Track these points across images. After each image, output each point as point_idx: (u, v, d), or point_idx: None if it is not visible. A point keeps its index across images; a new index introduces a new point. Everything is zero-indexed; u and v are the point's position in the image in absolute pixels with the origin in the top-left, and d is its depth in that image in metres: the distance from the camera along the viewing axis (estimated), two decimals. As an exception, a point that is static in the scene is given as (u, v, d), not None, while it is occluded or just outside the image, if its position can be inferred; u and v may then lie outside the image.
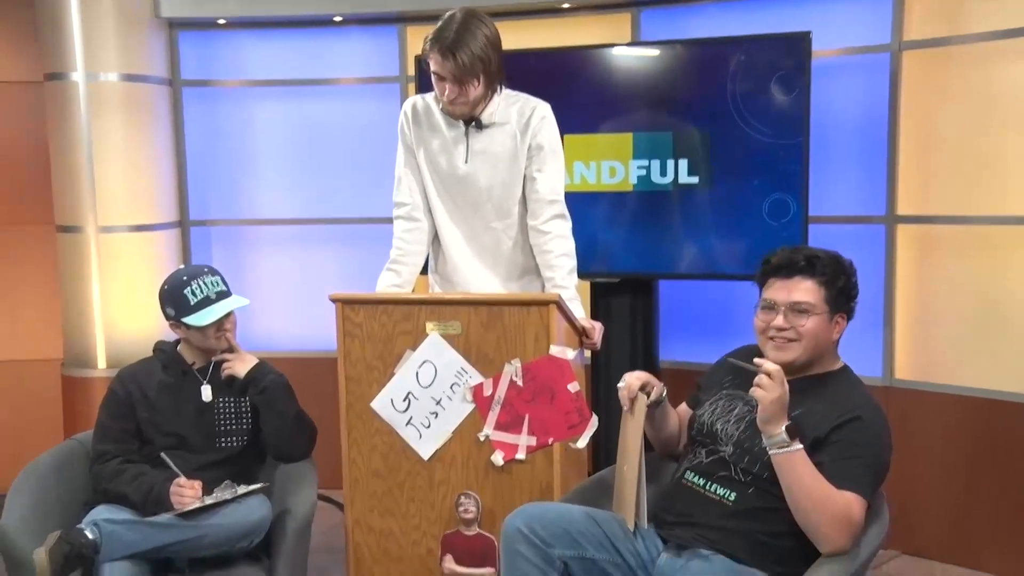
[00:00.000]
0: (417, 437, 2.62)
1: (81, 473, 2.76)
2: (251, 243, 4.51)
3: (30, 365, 4.45)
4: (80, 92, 4.03)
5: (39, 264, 4.38)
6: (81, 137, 4.03)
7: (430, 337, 2.60)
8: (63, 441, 2.92)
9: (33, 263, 4.41)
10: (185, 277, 2.74)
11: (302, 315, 4.43)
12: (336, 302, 2.68)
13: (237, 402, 2.78)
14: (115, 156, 4.08)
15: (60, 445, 2.86)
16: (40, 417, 4.36)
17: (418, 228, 2.85)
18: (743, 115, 3.38)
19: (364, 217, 4.37)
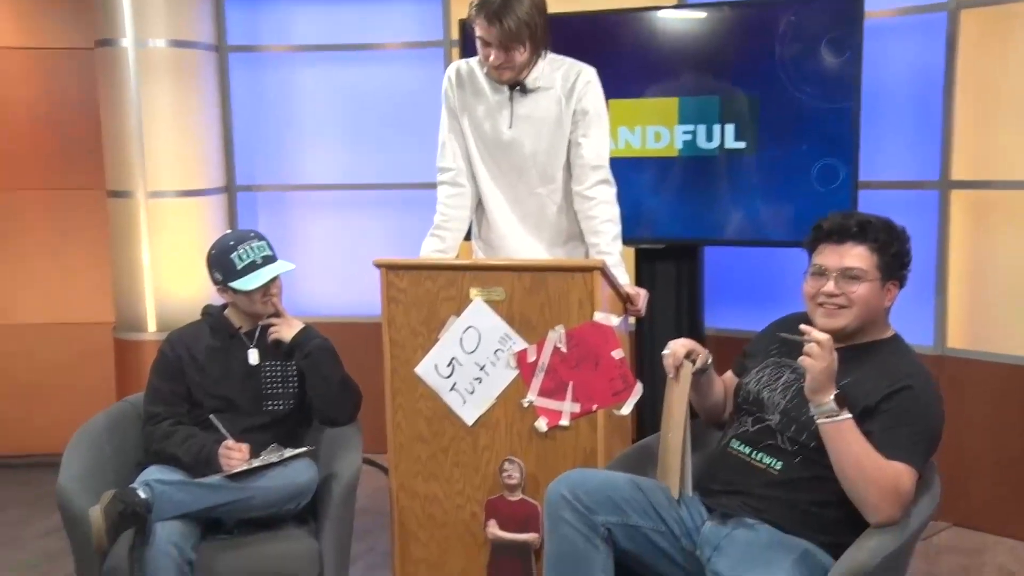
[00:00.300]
0: (461, 403, 2.63)
1: (133, 434, 2.80)
2: (296, 208, 4.53)
3: (83, 328, 4.51)
4: (129, 58, 4.05)
5: (91, 228, 4.43)
6: (131, 103, 4.06)
7: (474, 303, 2.59)
8: (116, 403, 2.96)
9: (85, 227, 4.46)
10: (232, 242, 2.75)
11: (347, 280, 4.45)
12: (380, 267, 2.67)
13: (283, 366, 2.80)
14: (163, 122, 4.11)
15: (113, 407, 2.90)
16: (94, 379, 4.43)
17: (462, 193, 2.83)
18: (792, 78, 3.31)
19: (408, 182, 4.36)
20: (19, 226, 4.49)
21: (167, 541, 2.41)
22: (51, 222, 4.49)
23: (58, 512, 2.53)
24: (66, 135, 4.43)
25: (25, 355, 4.53)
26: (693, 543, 2.19)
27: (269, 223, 4.46)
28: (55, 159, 4.46)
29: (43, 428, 4.46)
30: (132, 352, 4.17)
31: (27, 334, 4.52)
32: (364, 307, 4.23)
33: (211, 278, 2.79)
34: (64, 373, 4.53)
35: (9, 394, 4.54)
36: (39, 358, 4.53)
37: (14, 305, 4.52)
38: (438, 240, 2.83)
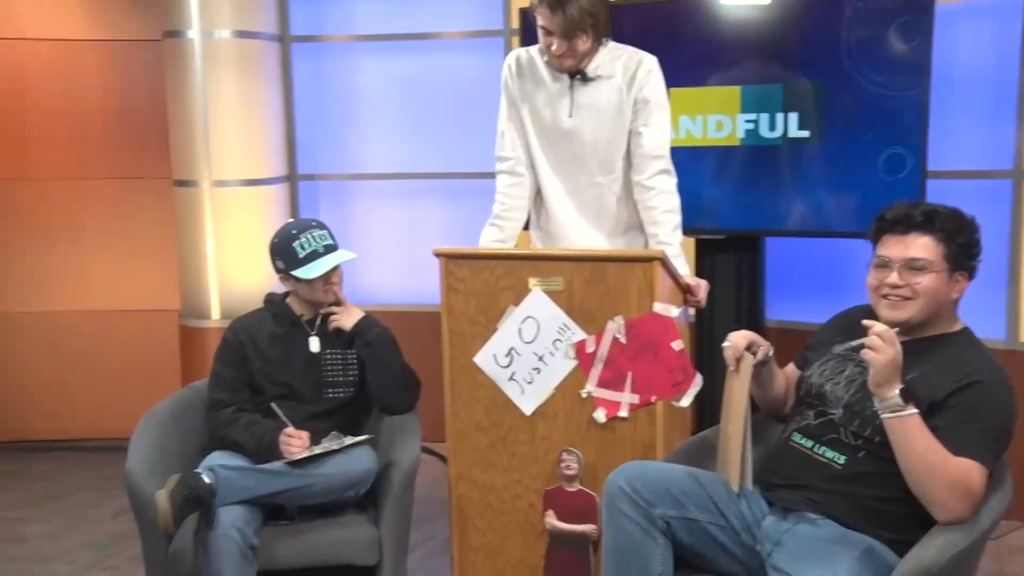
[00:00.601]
0: (519, 393, 2.62)
1: (198, 420, 2.85)
2: (357, 197, 4.56)
3: (150, 315, 4.60)
4: (196, 49, 4.11)
5: (158, 217, 4.51)
6: (196, 93, 4.12)
7: (533, 293, 2.58)
8: (181, 389, 3.02)
9: (153, 216, 4.54)
10: (294, 231, 2.78)
11: (406, 269, 4.48)
12: (440, 257, 2.68)
13: (344, 354, 2.82)
14: (228, 112, 4.16)
15: (178, 393, 2.95)
16: (159, 365, 4.51)
17: (520, 183, 2.83)
18: (858, 65, 3.24)
19: (468, 172, 4.36)
20: (90, 215, 4.58)
21: (230, 525, 2.45)
22: (120, 211, 4.58)
23: (126, 495, 2.59)
24: (135, 126, 4.52)
25: (94, 341, 4.64)
26: (753, 537, 2.16)
27: (330, 212, 4.50)
28: (124, 149, 4.54)
29: (111, 412, 4.56)
30: (196, 339, 4.24)
31: (96, 321, 4.63)
32: (424, 296, 4.24)
33: (273, 266, 2.82)
34: (131, 359, 4.62)
35: (79, 379, 4.65)
36: (107, 344, 4.63)
37: (84, 292, 4.63)
38: (497, 230, 2.83)
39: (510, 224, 2.83)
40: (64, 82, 4.49)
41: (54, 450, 4.60)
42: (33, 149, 4.53)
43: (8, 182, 4.54)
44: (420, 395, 2.87)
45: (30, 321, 4.63)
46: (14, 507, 3.95)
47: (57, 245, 4.59)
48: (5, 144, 4.52)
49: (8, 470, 4.38)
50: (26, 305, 4.63)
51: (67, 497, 4.04)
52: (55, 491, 4.11)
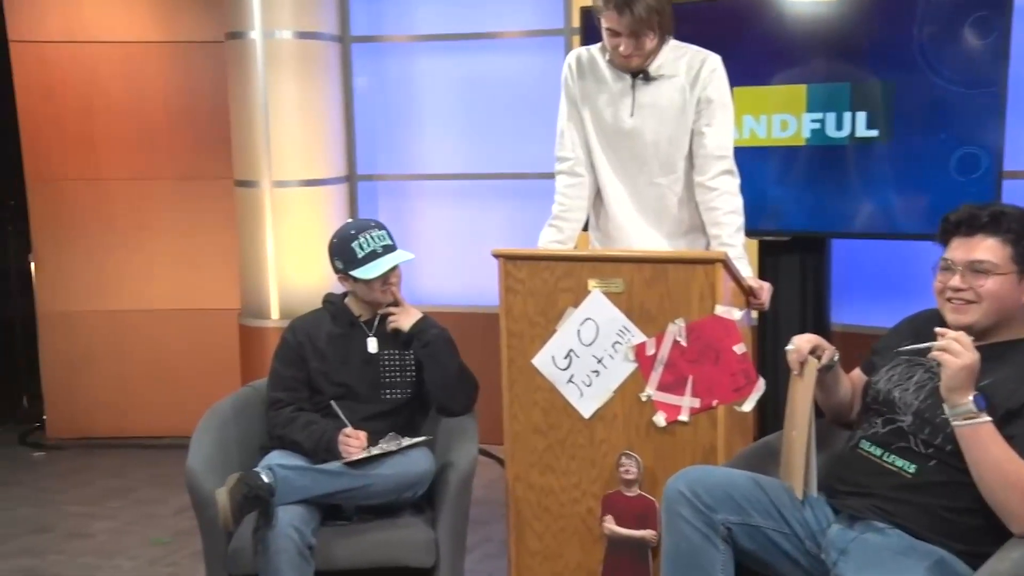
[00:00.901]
0: (578, 395, 2.61)
1: (257, 419, 2.88)
2: (416, 198, 4.59)
3: (211, 314, 4.67)
4: (257, 50, 4.16)
5: (219, 217, 4.58)
6: (258, 94, 4.18)
7: (592, 294, 2.57)
8: (241, 388, 3.05)
9: (214, 216, 4.61)
10: (353, 231, 2.80)
11: (465, 270, 4.49)
12: (498, 258, 2.68)
13: (402, 355, 2.83)
14: (289, 112, 4.21)
15: (238, 392, 2.99)
16: (220, 364, 4.58)
17: (580, 184, 2.81)
18: (931, 62, 3.16)
19: (527, 172, 4.36)
20: (153, 214, 4.68)
21: (289, 524, 2.47)
22: (182, 211, 4.67)
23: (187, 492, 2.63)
24: (197, 126, 4.60)
25: (155, 340, 4.73)
26: (817, 546, 2.12)
27: (389, 212, 4.53)
28: (187, 150, 4.63)
29: (173, 410, 4.65)
30: (256, 338, 4.30)
31: (158, 320, 4.72)
32: (482, 297, 4.25)
33: (332, 266, 2.84)
34: (192, 358, 4.71)
35: (141, 377, 4.75)
36: (168, 343, 4.72)
37: (146, 291, 4.72)
38: (556, 231, 2.82)
39: (569, 225, 2.83)
40: (129, 83, 4.58)
41: (118, 447, 4.70)
42: (100, 150, 4.64)
43: (76, 182, 4.66)
44: (477, 397, 2.87)
45: (94, 320, 4.73)
46: (80, 503, 4.05)
47: (121, 245, 4.69)
48: (75, 145, 4.63)
49: (74, 467, 4.49)
50: (90, 304, 4.73)
51: (131, 494, 4.13)
52: (120, 488, 4.20)
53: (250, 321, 4.34)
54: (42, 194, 4.67)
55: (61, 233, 4.69)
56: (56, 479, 4.32)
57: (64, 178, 4.65)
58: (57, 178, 4.65)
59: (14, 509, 3.98)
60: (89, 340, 4.74)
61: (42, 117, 4.61)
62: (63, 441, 4.77)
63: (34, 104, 4.60)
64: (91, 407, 4.78)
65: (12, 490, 4.19)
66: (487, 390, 2.87)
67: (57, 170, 4.65)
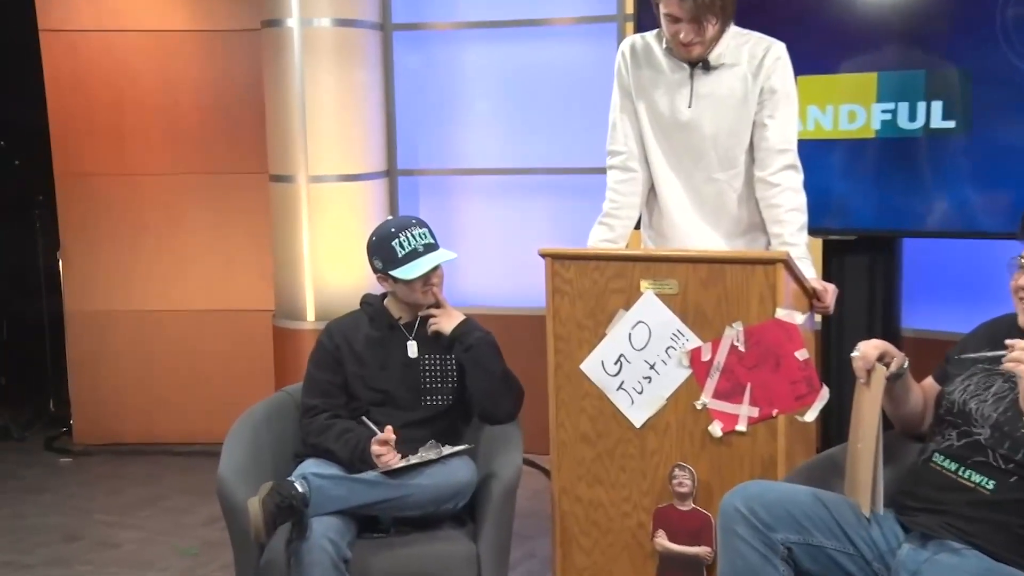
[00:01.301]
0: (629, 403, 2.62)
1: (292, 425, 2.91)
2: (459, 194, 4.61)
3: (244, 315, 4.73)
4: (295, 38, 4.21)
5: (253, 214, 4.63)
6: (294, 84, 4.23)
7: (644, 296, 2.57)
8: (275, 393, 3.10)
9: (247, 212, 4.66)
10: (393, 229, 2.82)
11: (510, 270, 4.50)
12: (545, 257, 2.69)
13: (443, 359, 2.86)
14: (327, 103, 4.25)
15: (272, 397, 3.03)
16: (253, 367, 4.63)
17: (633, 179, 2.82)
18: (1015, 47, 3.12)
19: (576, 167, 4.37)
20: (183, 211, 4.74)
21: (323, 536, 2.50)
22: (214, 207, 4.72)
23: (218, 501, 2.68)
24: (231, 118, 4.65)
25: (186, 342, 4.79)
26: (886, 567, 2.11)
27: (431, 209, 4.56)
28: (220, 143, 4.69)
29: (203, 416, 4.71)
30: (291, 341, 4.35)
31: (188, 320, 4.78)
32: (528, 299, 4.26)
33: (371, 266, 2.87)
34: (224, 361, 4.76)
35: (171, 381, 4.81)
36: (199, 345, 4.78)
37: (177, 290, 4.78)
38: (606, 228, 2.82)
39: (621, 223, 2.83)
40: (161, 74, 4.65)
41: (147, 454, 4.78)
42: (130, 144, 4.71)
43: (105, 177, 4.74)
44: (522, 404, 2.89)
45: (123, 320, 4.81)
46: (108, 511, 4.13)
47: (151, 242, 4.76)
48: (104, 139, 4.71)
49: (101, 474, 4.58)
50: (120, 304, 4.81)
51: (160, 502, 4.20)
52: (148, 496, 4.27)
53: (284, 323, 4.40)
54: (71, 190, 4.76)
55: (90, 230, 4.77)
56: (84, 486, 4.41)
57: (93, 173, 4.74)
58: (86, 173, 4.74)
59: (42, 516, 4.07)
60: (118, 341, 4.82)
61: (72, 109, 4.70)
62: (90, 447, 4.85)
63: (64, 96, 4.69)
64: (119, 411, 4.86)
65: (39, 497, 4.29)
66: (532, 396, 2.89)
67: (86, 165, 4.73)
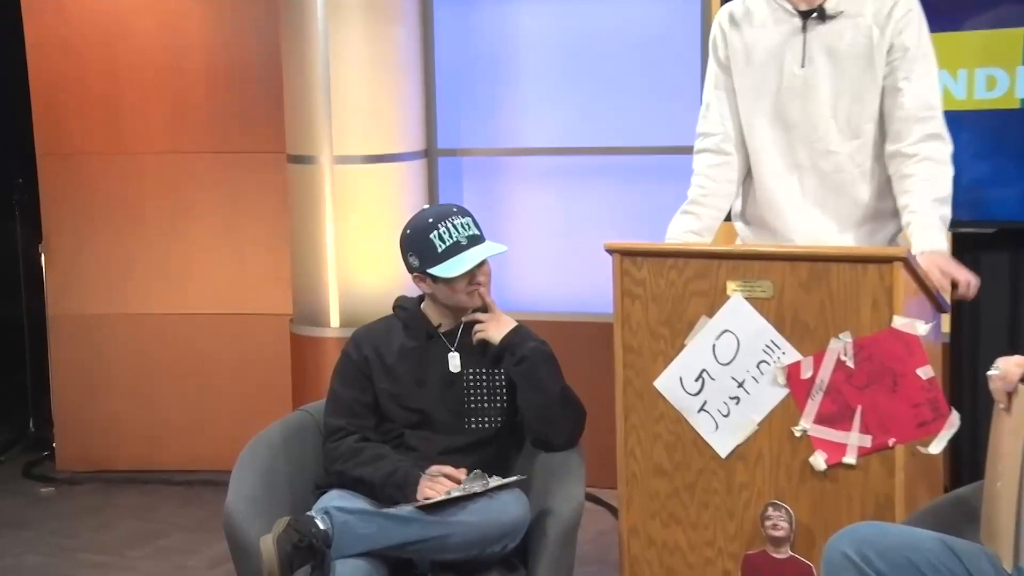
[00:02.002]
0: (712, 428, 2.61)
1: (312, 451, 2.93)
2: (510, 178, 4.61)
3: (257, 320, 4.76)
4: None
5: (268, 200, 4.66)
6: (317, 50, 4.25)
7: (732, 300, 2.56)
8: (292, 412, 3.12)
9: (262, 199, 4.70)
10: (431, 219, 2.82)
11: (570, 268, 4.50)
12: (613, 253, 2.69)
13: (490, 374, 2.86)
14: (355, 72, 4.27)
15: (289, 417, 3.05)
16: (267, 382, 4.67)
17: (727, 163, 2.84)
18: None
19: (651, 146, 4.35)
20: (188, 197, 4.78)
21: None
22: (223, 192, 4.76)
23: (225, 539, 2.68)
24: (244, 89, 4.69)
25: (189, 351, 4.83)
26: (1029, 631, 2.07)
27: (477, 196, 4.57)
28: (230, 118, 4.72)
29: (209, 439, 4.74)
30: (312, 351, 4.37)
31: (191, 326, 4.82)
32: (591, 303, 4.25)
33: (405, 264, 2.88)
34: (233, 374, 4.80)
35: (171, 397, 4.84)
36: (205, 355, 4.82)
37: (178, 290, 4.82)
38: (692, 218, 2.83)
39: (709, 213, 2.84)
40: (163, 38, 4.70)
41: (142, 482, 4.80)
42: (127, 117, 4.76)
43: (97, 157, 4.79)
44: (584, 427, 2.88)
45: (116, 325, 4.85)
46: (96, 550, 4.16)
47: (149, 233, 4.81)
48: (96, 112, 4.76)
49: (89, 505, 4.61)
50: (112, 306, 4.86)
51: (157, 540, 4.23)
52: (143, 532, 4.30)
53: (304, 330, 4.42)
54: (56, 171, 4.82)
55: (78, 218, 4.82)
56: (68, 520, 4.45)
57: (82, 151, 4.79)
58: (74, 151, 4.80)
59: (18, 556, 4.10)
60: (109, 350, 4.87)
61: (58, 78, 4.76)
62: (76, 474, 4.90)
63: (48, 62, 4.75)
64: (110, 432, 4.90)
65: (16, 533, 4.32)
66: (596, 419, 2.88)
67: (74, 142, 4.79)
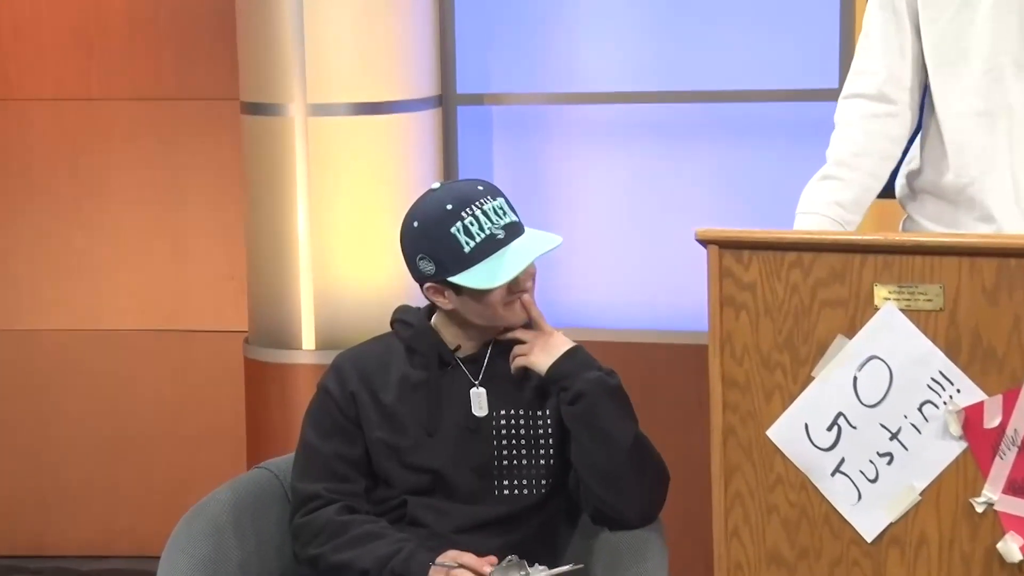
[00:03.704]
0: (853, 498, 2.58)
1: (275, 527, 2.94)
2: (556, 134, 4.63)
3: (198, 340, 4.80)
4: None
5: (215, 167, 4.70)
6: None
7: (883, 312, 2.53)
8: (247, 471, 3.11)
9: (205, 165, 4.74)
10: (450, 205, 2.79)
11: (644, 266, 4.51)
12: (708, 244, 2.64)
13: (531, 417, 2.86)
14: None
15: (241, 478, 3.04)
16: (211, 428, 4.70)
17: (891, 115, 2.88)
18: None
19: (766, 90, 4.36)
20: (102, 160, 4.80)
21: None
22: (151, 155, 4.78)
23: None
24: (178, 14, 4.73)
25: (101, 384, 4.85)
26: None
27: (512, 161, 4.60)
28: (159, 52, 4.76)
29: (128, 509, 4.77)
30: (275, 383, 4.37)
31: (106, 348, 4.85)
32: (675, 316, 4.26)
33: (413, 271, 2.84)
34: (164, 416, 4.81)
35: (72, 452, 4.85)
36: (123, 389, 4.84)
37: (87, 299, 4.84)
38: (838, 186, 2.87)
39: (861, 180, 2.88)
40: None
41: (34, 572, 4.82)
42: (13, 53, 4.79)
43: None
44: (666, 495, 2.88)
45: (2, 347, 4.88)
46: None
47: (46, 215, 4.83)
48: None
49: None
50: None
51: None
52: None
53: (265, 353, 4.42)
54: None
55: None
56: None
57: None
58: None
59: None
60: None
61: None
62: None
63: None
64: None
65: None
66: (683, 483, 2.92)
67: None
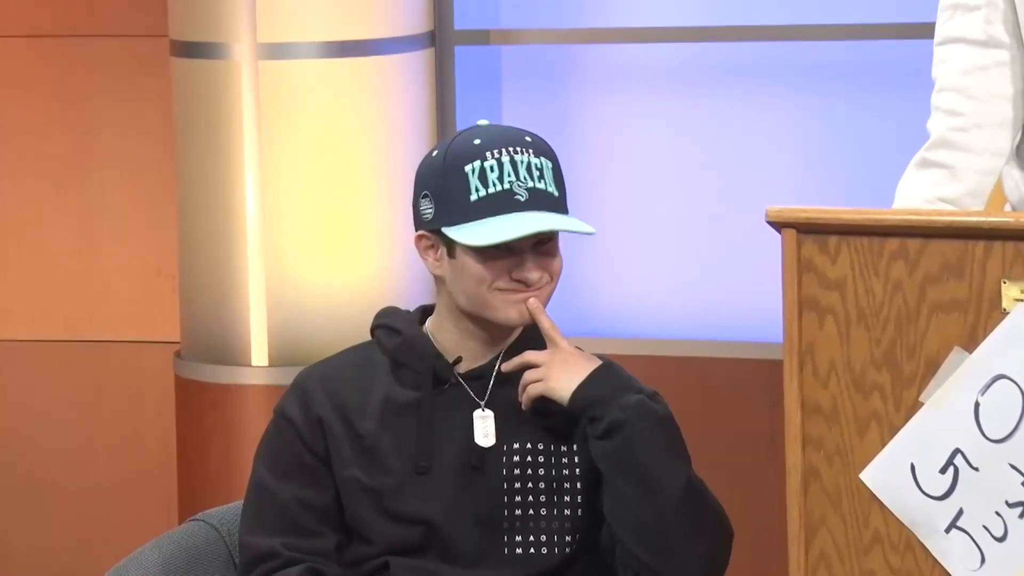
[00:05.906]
0: (974, 561, 2.60)
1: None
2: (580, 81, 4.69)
3: (118, 353, 4.84)
4: None
5: (141, 121, 4.74)
6: None
7: (1014, 317, 2.55)
8: (180, 524, 3.14)
9: (123, 125, 4.78)
10: (479, 140, 2.85)
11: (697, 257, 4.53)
12: (783, 228, 2.66)
13: (552, 454, 2.89)
14: None
15: (173, 533, 3.07)
16: (136, 463, 4.75)
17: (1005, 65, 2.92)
18: None
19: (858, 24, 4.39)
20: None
21: None
22: (56, 110, 4.84)
23: None
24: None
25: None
26: None
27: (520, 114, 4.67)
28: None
29: (31, 571, 4.79)
30: (215, 407, 4.42)
31: (4, 364, 4.89)
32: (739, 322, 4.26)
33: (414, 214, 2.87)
34: (75, 450, 4.86)
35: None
36: (25, 418, 4.89)
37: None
38: (943, 175, 2.92)
39: (974, 162, 2.93)
40: None
41: None
42: None
43: None
44: (729, 556, 2.91)
45: None
46: None
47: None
48: None
49: None
50: None
51: None
52: None
53: (203, 370, 4.46)
54: None
55: None
56: None
57: None
58: None
59: None
60: None
61: None
62: None
63: None
64: None
65: None
66: (750, 540, 2.97)
67: None
